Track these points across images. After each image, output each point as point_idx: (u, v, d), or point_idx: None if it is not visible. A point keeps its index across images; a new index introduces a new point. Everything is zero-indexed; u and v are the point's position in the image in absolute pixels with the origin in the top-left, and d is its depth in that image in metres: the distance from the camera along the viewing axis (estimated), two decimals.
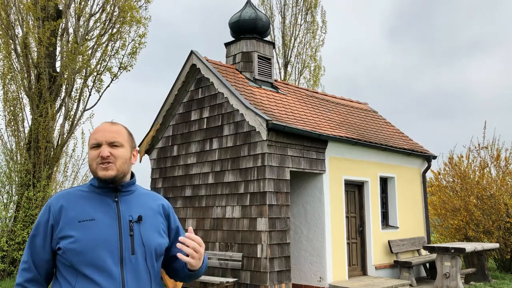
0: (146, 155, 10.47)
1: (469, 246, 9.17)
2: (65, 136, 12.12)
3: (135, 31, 12.75)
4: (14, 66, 11.87)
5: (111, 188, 1.90)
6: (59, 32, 12.32)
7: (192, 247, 1.82)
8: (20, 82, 11.85)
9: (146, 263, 1.84)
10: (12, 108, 11.94)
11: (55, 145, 12.05)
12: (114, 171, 1.86)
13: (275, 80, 10.72)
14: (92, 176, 1.98)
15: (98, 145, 1.88)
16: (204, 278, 7.94)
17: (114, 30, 12.43)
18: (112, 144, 1.89)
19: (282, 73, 21.44)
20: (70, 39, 12.13)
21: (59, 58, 12.30)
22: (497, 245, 10.42)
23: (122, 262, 1.78)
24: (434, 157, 11.82)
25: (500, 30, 69.40)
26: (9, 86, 12.02)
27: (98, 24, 12.39)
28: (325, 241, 8.76)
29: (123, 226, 1.83)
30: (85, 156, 12.85)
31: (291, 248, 8.67)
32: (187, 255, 1.83)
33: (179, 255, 1.83)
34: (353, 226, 9.94)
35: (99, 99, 12.65)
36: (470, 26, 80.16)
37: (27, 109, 12.11)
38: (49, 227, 1.82)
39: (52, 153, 11.87)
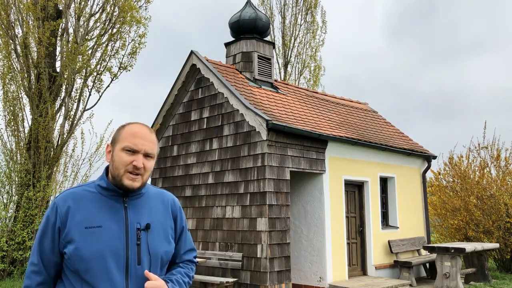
0: None
1: (469, 246, 9.17)
2: (65, 136, 12.10)
3: (135, 31, 12.75)
4: (14, 66, 11.86)
5: (121, 192, 1.84)
6: (59, 32, 12.31)
7: None
8: (20, 82, 11.84)
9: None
10: (12, 108, 11.92)
11: (55, 145, 12.04)
12: (140, 183, 1.82)
13: (275, 80, 10.72)
14: (99, 176, 1.91)
15: (134, 151, 1.80)
16: (204, 278, 7.94)
17: (114, 30, 12.43)
18: (147, 155, 1.83)
19: (282, 73, 21.44)
20: (70, 39, 12.12)
21: (59, 58, 12.29)
22: (497, 245, 10.42)
23: (127, 271, 1.76)
24: (434, 157, 11.82)
25: (501, 30, 69.45)
26: (9, 86, 12.00)
27: (98, 24, 12.39)
28: (325, 241, 8.76)
29: (130, 234, 1.79)
30: (85, 156, 12.81)
31: (291, 248, 8.67)
32: None
33: None
34: (353, 226, 9.94)
35: (99, 99, 12.63)
36: (471, 26, 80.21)
37: (27, 109, 12.10)
38: (56, 229, 1.78)
39: (52, 153, 11.86)
